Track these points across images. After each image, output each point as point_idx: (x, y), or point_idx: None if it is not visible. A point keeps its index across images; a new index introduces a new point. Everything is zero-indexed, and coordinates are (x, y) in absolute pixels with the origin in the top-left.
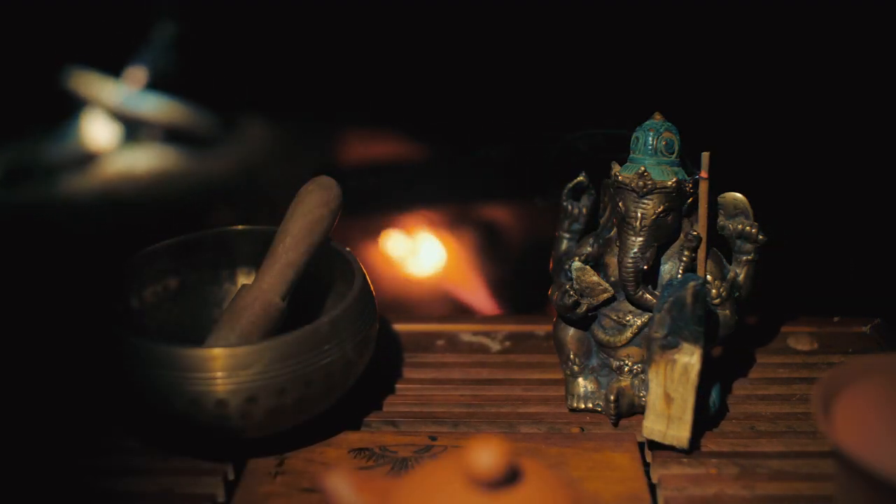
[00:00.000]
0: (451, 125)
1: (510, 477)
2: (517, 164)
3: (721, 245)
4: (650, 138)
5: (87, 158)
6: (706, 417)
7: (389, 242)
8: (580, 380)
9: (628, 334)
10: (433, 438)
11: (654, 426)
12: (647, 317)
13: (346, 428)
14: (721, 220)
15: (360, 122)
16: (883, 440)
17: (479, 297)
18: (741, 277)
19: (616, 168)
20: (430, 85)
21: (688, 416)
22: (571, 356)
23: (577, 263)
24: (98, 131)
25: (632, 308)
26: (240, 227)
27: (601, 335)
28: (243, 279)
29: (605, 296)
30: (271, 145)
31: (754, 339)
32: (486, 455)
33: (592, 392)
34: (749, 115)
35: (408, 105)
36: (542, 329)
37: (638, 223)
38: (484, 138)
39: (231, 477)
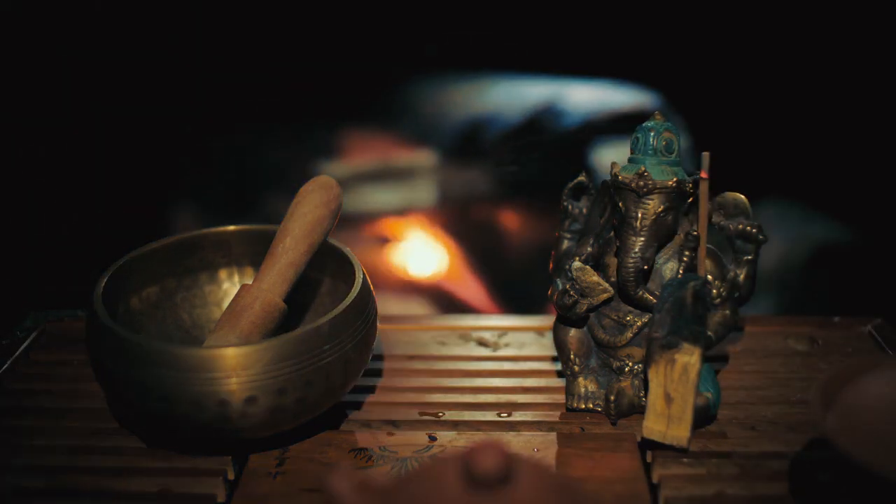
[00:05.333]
0: (450, 125)
1: (509, 477)
2: (519, 165)
3: (721, 245)
4: (650, 138)
5: None
6: (706, 417)
7: (389, 242)
8: (580, 380)
9: (628, 334)
10: (433, 438)
11: (654, 426)
12: (647, 317)
13: (345, 428)
14: (721, 220)
15: (359, 121)
16: (882, 439)
17: (478, 296)
18: (741, 277)
19: (616, 168)
20: (429, 83)
21: (688, 416)
22: (571, 356)
23: (577, 263)
24: None
25: (632, 308)
26: (239, 226)
27: (601, 335)
28: (243, 279)
29: (605, 296)
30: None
31: (754, 339)
32: (486, 455)
33: (592, 392)
34: (749, 115)
35: (406, 103)
36: (542, 329)
37: (638, 223)
38: (486, 140)
39: (231, 477)
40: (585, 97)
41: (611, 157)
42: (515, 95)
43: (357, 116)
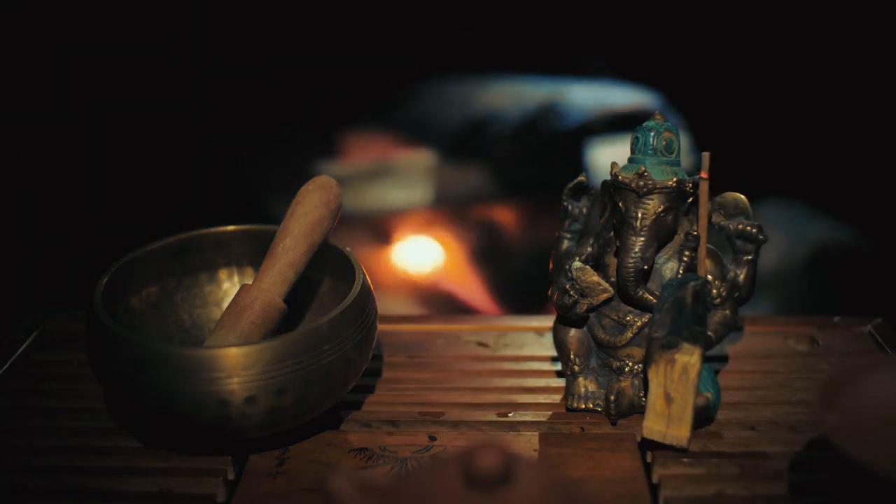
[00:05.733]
0: (450, 125)
1: (509, 477)
2: (518, 165)
3: (721, 245)
4: (650, 138)
5: None
6: (706, 418)
7: (390, 242)
8: (580, 380)
9: (628, 334)
10: (433, 438)
11: (654, 426)
12: (647, 317)
13: (345, 428)
14: (721, 220)
15: (359, 121)
16: (883, 439)
17: (479, 297)
18: (741, 277)
19: (616, 168)
20: (429, 83)
21: (688, 416)
22: (571, 356)
23: (577, 263)
24: None
25: (632, 308)
26: (239, 227)
27: (601, 335)
28: (243, 279)
29: (605, 296)
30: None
31: (754, 339)
32: (486, 455)
33: (592, 392)
34: (749, 115)
35: (406, 103)
36: (542, 329)
37: (638, 223)
38: (486, 140)
39: (231, 477)
40: (585, 97)
41: (611, 157)
42: (515, 95)
43: (357, 116)
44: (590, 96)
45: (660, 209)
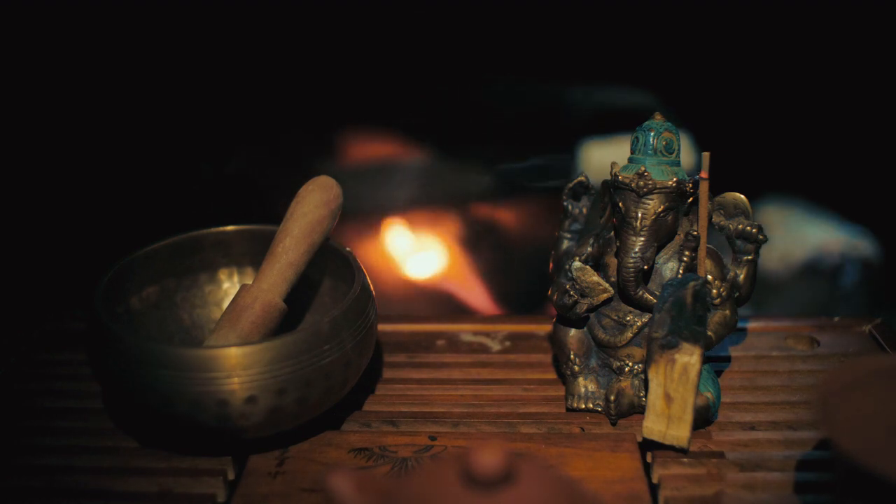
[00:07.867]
0: (451, 125)
1: (510, 477)
2: (518, 165)
3: (720, 245)
4: (650, 138)
5: None
6: (707, 418)
7: (389, 242)
8: (580, 380)
9: (628, 334)
10: (433, 438)
11: (654, 426)
12: (647, 317)
13: (346, 428)
14: (721, 220)
15: (359, 121)
16: (883, 440)
17: (479, 297)
18: (741, 277)
19: (616, 168)
20: (430, 83)
21: (688, 416)
22: (571, 356)
23: (577, 263)
24: None
25: (632, 308)
26: (239, 226)
27: (601, 335)
28: (243, 279)
29: (605, 296)
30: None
31: (754, 339)
32: (486, 455)
33: (592, 392)
34: (749, 115)
35: (406, 104)
36: (542, 329)
37: (638, 223)
38: (486, 140)
39: (231, 477)
40: (585, 97)
41: (611, 157)
42: (515, 95)
43: (357, 116)
44: (589, 96)
45: (660, 209)
